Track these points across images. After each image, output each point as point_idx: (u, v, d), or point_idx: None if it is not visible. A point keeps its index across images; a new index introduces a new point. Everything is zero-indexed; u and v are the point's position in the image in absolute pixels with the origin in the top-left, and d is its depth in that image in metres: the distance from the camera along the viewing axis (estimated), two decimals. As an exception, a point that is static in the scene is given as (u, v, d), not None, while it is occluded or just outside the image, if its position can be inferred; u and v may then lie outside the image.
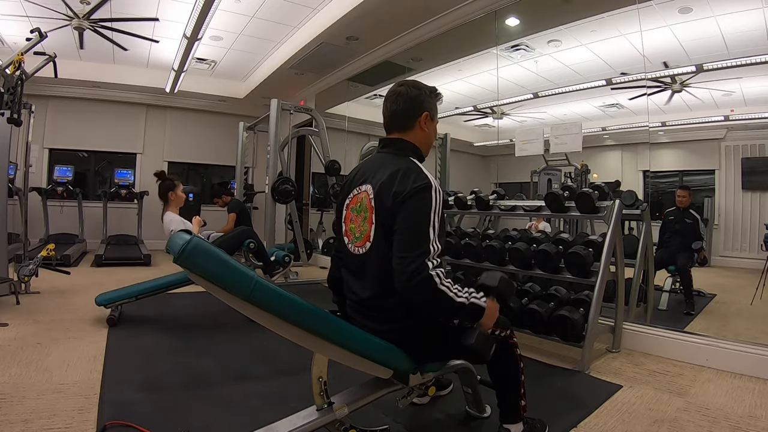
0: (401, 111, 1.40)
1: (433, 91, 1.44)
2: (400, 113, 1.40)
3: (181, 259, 1.08)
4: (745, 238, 3.95)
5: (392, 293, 1.24)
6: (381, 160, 1.40)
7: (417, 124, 1.40)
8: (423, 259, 1.18)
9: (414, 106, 1.40)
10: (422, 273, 1.17)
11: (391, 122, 1.43)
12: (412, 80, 1.45)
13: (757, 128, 4.04)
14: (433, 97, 1.44)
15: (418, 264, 1.17)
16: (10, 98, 3.49)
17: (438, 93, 1.46)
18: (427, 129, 1.43)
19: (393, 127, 1.43)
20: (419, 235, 1.21)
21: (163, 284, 3.29)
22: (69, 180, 6.91)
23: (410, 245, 1.20)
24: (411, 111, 1.40)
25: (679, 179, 4.43)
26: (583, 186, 4.01)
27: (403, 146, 1.40)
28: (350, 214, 1.41)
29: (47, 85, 6.56)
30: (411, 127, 1.41)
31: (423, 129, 1.42)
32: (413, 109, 1.40)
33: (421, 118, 1.40)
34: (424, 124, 1.41)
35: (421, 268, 1.17)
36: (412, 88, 1.40)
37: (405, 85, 1.42)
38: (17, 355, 2.35)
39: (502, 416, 1.52)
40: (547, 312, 2.70)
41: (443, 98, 1.50)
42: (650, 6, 3.39)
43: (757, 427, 1.81)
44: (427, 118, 1.42)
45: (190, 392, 2.03)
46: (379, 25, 4.67)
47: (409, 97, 1.39)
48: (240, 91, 7.72)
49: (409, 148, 1.40)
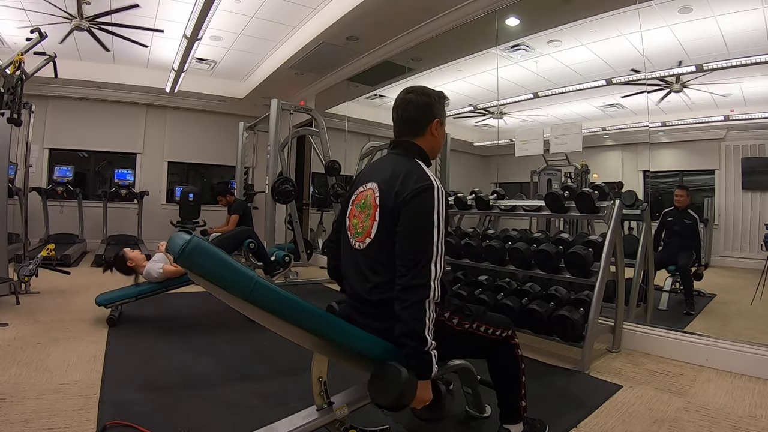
0: (412, 118, 1.41)
1: (441, 96, 1.46)
2: (410, 121, 1.42)
3: (181, 259, 1.08)
4: (745, 238, 3.95)
5: (390, 288, 1.25)
6: (389, 160, 1.42)
7: (428, 130, 1.42)
8: (428, 261, 1.19)
9: (425, 113, 1.41)
10: (425, 277, 1.18)
11: (402, 129, 1.44)
12: (420, 87, 1.45)
13: (757, 128, 4.04)
14: (442, 103, 1.45)
15: (423, 266, 1.19)
16: (10, 98, 3.49)
17: (446, 98, 1.48)
18: (437, 134, 1.44)
19: (403, 134, 1.44)
20: (423, 236, 1.22)
21: (163, 284, 3.29)
22: (69, 180, 6.91)
23: (415, 247, 1.21)
24: (422, 118, 1.41)
25: (679, 179, 4.43)
26: (583, 186, 4.01)
27: (411, 148, 1.41)
28: (354, 210, 1.42)
29: (47, 85, 6.55)
30: (422, 134, 1.42)
31: (434, 135, 1.43)
32: (424, 116, 1.41)
33: (432, 124, 1.42)
34: (434, 130, 1.43)
35: (425, 272, 1.18)
36: (422, 96, 1.41)
37: (414, 92, 1.43)
38: (17, 355, 2.35)
39: (503, 416, 1.52)
40: (547, 312, 2.70)
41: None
42: (650, 6, 3.39)
43: (757, 427, 1.81)
44: (438, 124, 1.43)
45: (190, 392, 2.03)
46: (379, 25, 4.67)
47: (420, 105, 1.40)
48: (240, 91, 7.72)
49: (416, 150, 1.41)
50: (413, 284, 1.18)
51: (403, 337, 1.19)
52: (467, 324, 1.42)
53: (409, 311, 1.18)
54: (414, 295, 1.18)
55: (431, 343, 1.19)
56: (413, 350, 1.18)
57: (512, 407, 1.50)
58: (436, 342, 1.22)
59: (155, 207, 7.89)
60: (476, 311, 1.47)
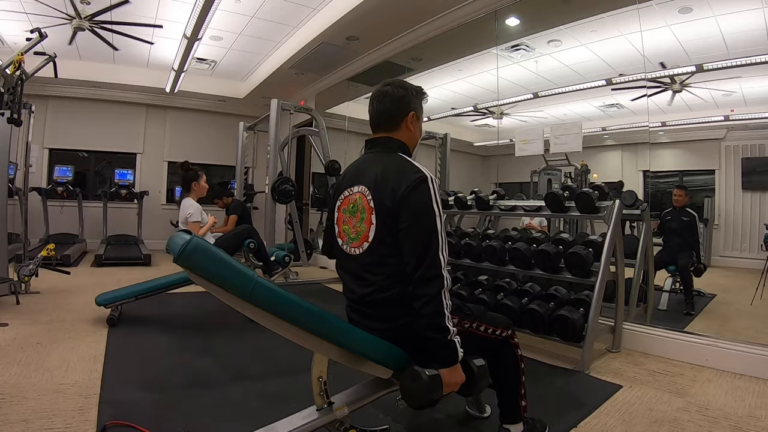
0: (387, 111, 1.41)
1: (419, 91, 1.46)
2: (386, 113, 1.41)
3: (181, 259, 1.08)
4: (745, 238, 3.94)
5: (391, 289, 1.26)
6: (371, 160, 1.41)
7: (403, 123, 1.42)
8: (435, 250, 1.21)
9: (400, 105, 1.41)
10: (436, 267, 1.20)
11: (377, 121, 1.44)
12: (398, 80, 1.45)
13: (757, 128, 4.03)
14: (419, 97, 1.45)
15: (432, 256, 1.21)
16: (10, 98, 3.49)
17: (424, 93, 1.48)
18: (413, 128, 1.44)
19: (379, 127, 1.44)
20: (428, 227, 1.23)
21: (163, 284, 3.29)
22: (69, 180, 6.92)
23: (422, 239, 1.23)
24: (397, 111, 1.41)
25: (679, 179, 4.42)
26: (583, 186, 4.01)
27: (391, 144, 1.41)
28: (343, 216, 1.42)
29: (47, 85, 6.56)
30: (397, 127, 1.42)
31: (409, 128, 1.43)
32: (400, 108, 1.41)
33: (408, 117, 1.42)
34: (410, 123, 1.42)
35: (436, 262, 1.21)
36: (398, 88, 1.41)
37: (391, 84, 1.42)
38: (17, 355, 2.35)
39: (503, 416, 1.52)
40: (547, 312, 2.70)
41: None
42: (650, 6, 3.39)
43: (757, 427, 1.81)
44: (414, 117, 1.43)
45: (190, 392, 2.03)
46: (379, 25, 4.67)
47: (396, 97, 1.40)
48: (240, 91, 7.72)
49: (397, 145, 1.41)
50: (427, 276, 1.20)
51: (427, 332, 1.22)
52: (467, 324, 1.42)
53: (430, 306, 1.20)
54: (430, 289, 1.20)
55: (453, 331, 1.22)
56: (439, 342, 1.22)
57: (512, 407, 1.50)
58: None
59: (155, 207, 7.89)
60: (476, 311, 1.47)
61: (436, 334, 1.21)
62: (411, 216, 1.25)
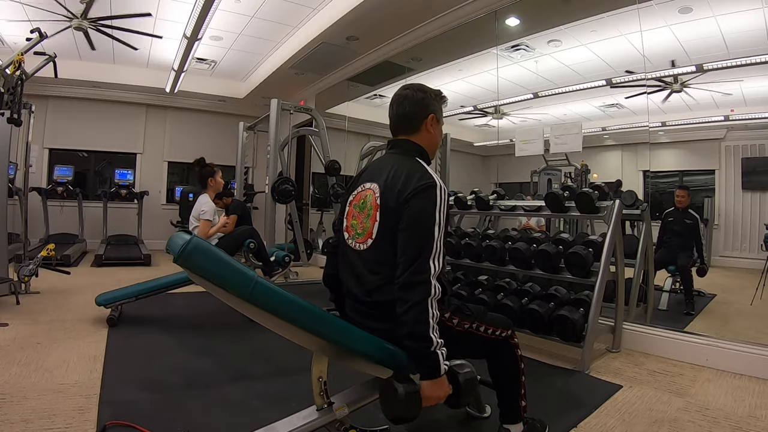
0: (407, 114, 1.42)
1: (438, 95, 1.47)
2: (406, 116, 1.43)
3: (181, 259, 1.08)
4: (745, 238, 3.94)
5: (391, 288, 1.25)
6: (388, 160, 1.42)
7: (423, 126, 1.43)
8: (426, 257, 1.19)
9: (420, 108, 1.42)
10: (424, 274, 1.18)
11: (397, 125, 1.45)
12: (417, 84, 1.46)
13: (757, 128, 4.03)
14: (439, 100, 1.46)
15: (422, 262, 1.18)
16: (10, 98, 3.49)
17: (443, 96, 1.49)
18: (433, 131, 1.45)
19: (399, 130, 1.45)
20: (424, 232, 1.22)
21: (163, 284, 3.29)
22: (69, 180, 6.92)
23: (415, 243, 1.21)
24: (417, 114, 1.42)
25: (679, 179, 4.42)
26: (583, 186, 4.01)
27: (410, 147, 1.42)
28: (352, 211, 1.42)
29: (47, 85, 6.56)
30: (417, 129, 1.43)
31: (429, 131, 1.44)
32: (419, 111, 1.42)
33: (427, 120, 1.43)
34: (430, 126, 1.43)
35: (424, 268, 1.18)
36: (417, 92, 1.42)
37: (410, 88, 1.44)
38: (17, 355, 2.35)
39: (503, 416, 1.52)
40: (547, 312, 2.70)
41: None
42: (650, 6, 3.39)
43: (757, 427, 1.81)
44: (433, 120, 1.44)
45: (190, 392, 2.03)
46: (379, 25, 4.67)
47: (415, 100, 1.41)
48: (240, 91, 7.72)
49: (415, 149, 1.42)
50: (413, 281, 1.18)
51: (406, 340, 1.19)
52: (467, 324, 1.41)
53: (411, 313, 1.17)
54: (414, 295, 1.17)
55: (437, 342, 1.18)
56: (418, 352, 1.18)
57: (512, 407, 1.50)
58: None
59: (155, 207, 7.89)
60: (476, 311, 1.47)
61: (415, 344, 1.17)
62: (410, 218, 1.24)
